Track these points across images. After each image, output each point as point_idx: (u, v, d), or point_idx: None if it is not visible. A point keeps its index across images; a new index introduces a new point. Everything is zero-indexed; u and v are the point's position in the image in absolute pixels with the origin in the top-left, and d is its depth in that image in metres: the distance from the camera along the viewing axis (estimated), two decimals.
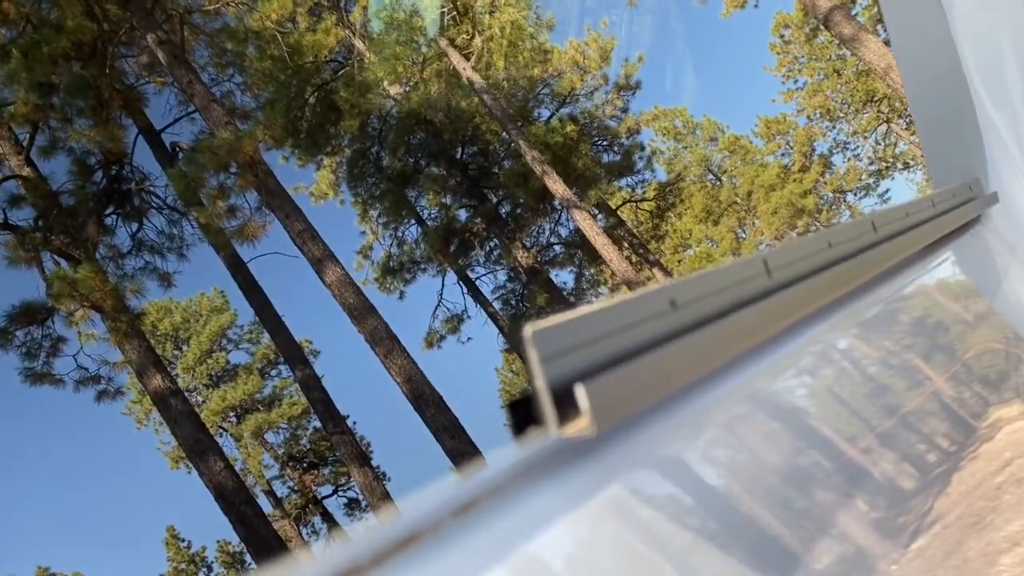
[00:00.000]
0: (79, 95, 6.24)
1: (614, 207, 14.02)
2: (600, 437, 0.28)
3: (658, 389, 0.32)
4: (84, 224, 6.64)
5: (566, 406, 0.28)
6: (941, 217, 0.73)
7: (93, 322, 6.66)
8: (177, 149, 7.31)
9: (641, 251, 13.85)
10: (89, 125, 6.62)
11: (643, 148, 13.04)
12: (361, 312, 6.54)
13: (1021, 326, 0.83)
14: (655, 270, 13.80)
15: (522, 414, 0.29)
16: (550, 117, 11.59)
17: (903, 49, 0.98)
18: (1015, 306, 0.84)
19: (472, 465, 0.28)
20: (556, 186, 9.55)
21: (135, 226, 7.37)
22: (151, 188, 7.29)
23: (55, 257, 7.09)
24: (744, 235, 19.86)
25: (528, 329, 0.27)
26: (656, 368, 0.31)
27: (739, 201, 19.55)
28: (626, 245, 13.66)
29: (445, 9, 7.29)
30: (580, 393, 0.27)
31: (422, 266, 12.00)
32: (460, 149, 10.87)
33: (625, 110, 12.99)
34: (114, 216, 7.31)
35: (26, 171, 7.16)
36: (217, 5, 6.44)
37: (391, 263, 11.92)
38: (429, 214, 12.07)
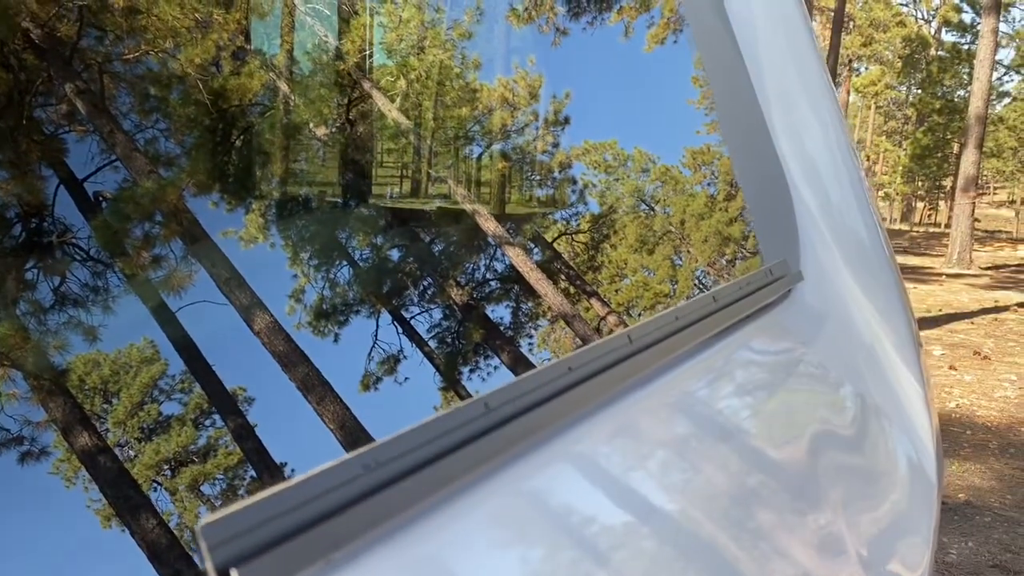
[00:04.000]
0: None
1: (549, 240, 14.09)
2: None
3: (332, 553, 0.35)
4: (3, 280, 6.40)
5: None
6: (731, 307, 0.74)
7: (14, 381, 6.40)
8: (100, 199, 7.11)
9: (578, 283, 13.93)
10: (6, 178, 6.41)
11: (575, 182, 13.17)
12: (292, 360, 6.42)
13: (823, 392, 0.86)
14: (593, 300, 13.87)
15: None
16: (481, 154, 11.65)
17: (731, 145, 1.03)
18: (821, 373, 0.87)
19: None
20: (488, 223, 9.59)
21: (57, 280, 7.13)
22: (74, 240, 7.06)
23: None
24: (680, 263, 20.08)
25: (201, 521, 0.32)
26: (336, 534, 0.35)
27: (673, 230, 19.79)
28: (563, 278, 13.72)
29: (368, 52, 7.30)
30: (234, 573, 0.32)
31: (356, 308, 11.88)
32: (389, 189, 10.81)
33: (556, 145, 13.11)
34: (35, 270, 7.05)
35: None
36: (137, 53, 6.32)
37: (324, 306, 11.77)
38: (361, 255, 11.97)
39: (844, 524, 0.71)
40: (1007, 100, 29.96)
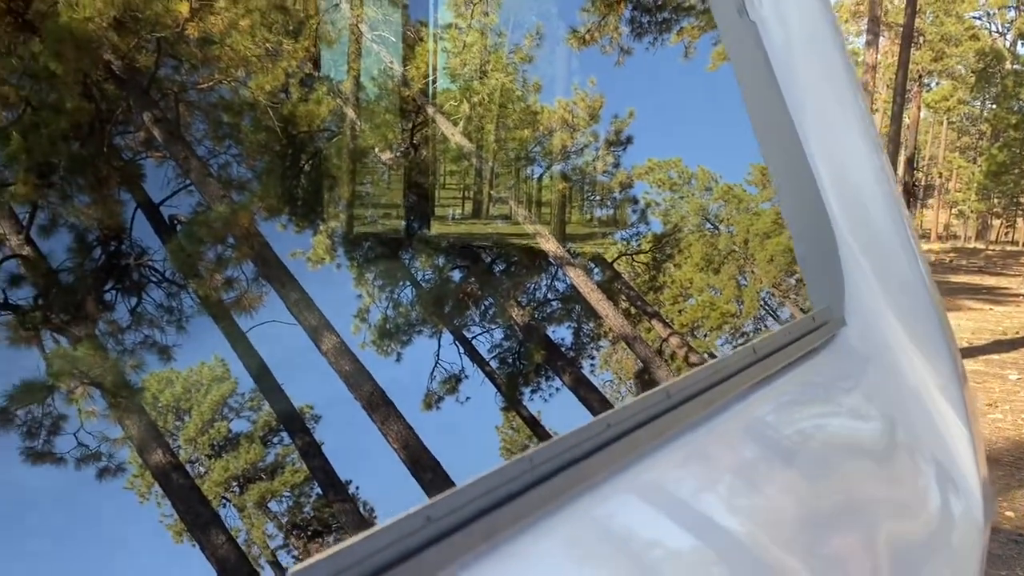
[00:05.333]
0: (78, 173, 6.29)
1: (609, 260, 14.03)
2: None
3: None
4: (83, 301, 6.63)
5: None
6: (772, 356, 0.73)
7: (93, 399, 6.59)
8: (175, 222, 7.33)
9: (639, 303, 13.83)
10: (88, 202, 6.65)
11: (636, 201, 13.11)
12: (357, 380, 6.51)
13: (866, 438, 0.84)
14: (655, 321, 13.76)
15: None
16: (541, 175, 11.69)
17: (778, 189, 1.03)
18: (864, 418, 0.85)
19: None
20: (548, 244, 9.60)
21: (134, 301, 7.36)
22: (150, 262, 7.29)
23: (55, 335, 7.06)
24: (745, 283, 19.83)
25: (290, 570, 0.33)
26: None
27: (737, 249, 19.57)
28: (623, 299, 13.63)
29: (432, 77, 7.43)
30: None
31: (418, 328, 11.99)
32: (452, 211, 10.92)
33: (616, 165, 13.08)
34: (113, 292, 7.29)
35: (26, 250, 7.18)
36: (211, 83, 6.53)
37: (388, 326, 11.90)
38: (423, 275, 12.09)
39: (888, 568, 0.70)
40: None
